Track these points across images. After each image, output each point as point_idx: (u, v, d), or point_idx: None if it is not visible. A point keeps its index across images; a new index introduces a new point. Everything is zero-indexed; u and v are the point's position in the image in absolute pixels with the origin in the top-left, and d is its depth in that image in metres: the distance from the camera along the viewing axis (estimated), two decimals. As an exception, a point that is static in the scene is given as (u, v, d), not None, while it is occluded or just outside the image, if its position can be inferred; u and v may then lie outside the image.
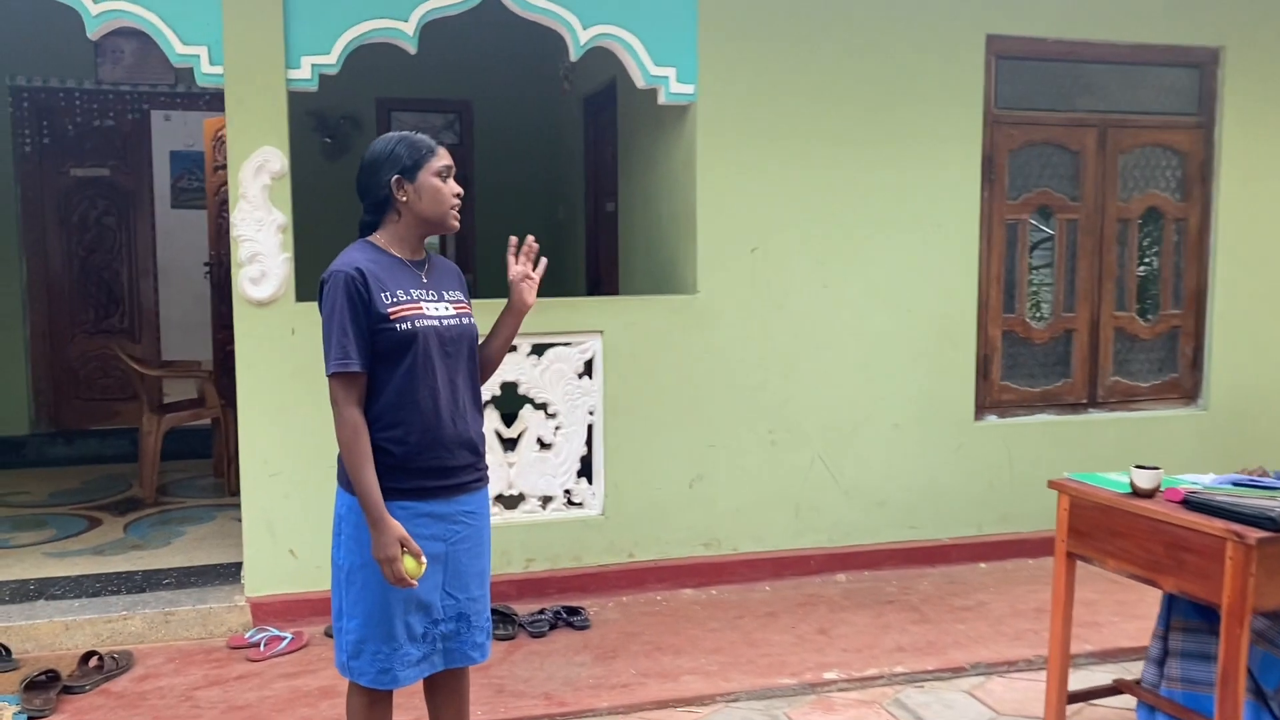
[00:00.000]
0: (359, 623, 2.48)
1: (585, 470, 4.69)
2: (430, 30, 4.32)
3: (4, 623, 4.00)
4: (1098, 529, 3.17)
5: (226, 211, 7.51)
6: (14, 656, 3.88)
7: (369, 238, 2.56)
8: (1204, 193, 5.34)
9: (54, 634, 4.01)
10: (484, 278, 7.84)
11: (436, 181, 2.50)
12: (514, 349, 4.52)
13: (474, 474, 2.63)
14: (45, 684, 3.59)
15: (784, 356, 4.81)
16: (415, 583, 2.41)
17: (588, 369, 4.62)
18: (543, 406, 4.59)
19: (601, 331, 4.59)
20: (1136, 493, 3.05)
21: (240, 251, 4.14)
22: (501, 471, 4.55)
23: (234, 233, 4.11)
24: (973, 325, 5.04)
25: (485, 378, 2.76)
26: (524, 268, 2.72)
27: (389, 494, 2.45)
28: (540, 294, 2.78)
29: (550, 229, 7.62)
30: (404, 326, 2.44)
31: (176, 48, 4.03)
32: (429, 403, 2.49)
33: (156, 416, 5.92)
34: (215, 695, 3.66)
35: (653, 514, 4.72)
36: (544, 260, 2.79)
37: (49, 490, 6.17)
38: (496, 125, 7.66)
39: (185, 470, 6.53)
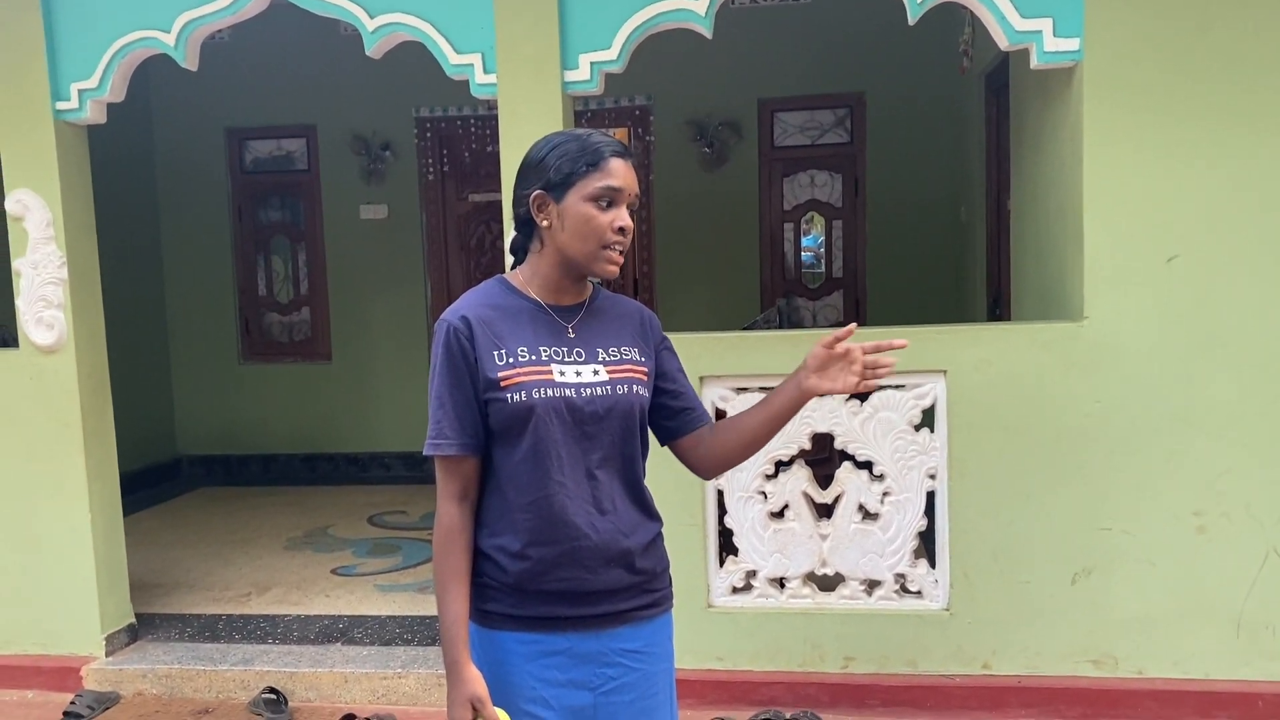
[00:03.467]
0: None
1: (926, 551, 3.67)
2: (814, 13, 3.53)
3: (293, 668, 3.90)
4: None
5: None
6: (289, 706, 3.75)
7: (509, 273, 1.93)
8: None
9: (334, 685, 3.85)
10: (876, 296, 6.92)
11: (589, 209, 1.80)
12: (831, 392, 3.62)
13: (637, 599, 1.89)
14: (294, 747, 3.39)
15: (1218, 408, 3.40)
16: None
17: (926, 420, 3.59)
18: (866, 466, 3.63)
19: (945, 371, 3.53)
20: None
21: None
22: (812, 544, 3.66)
23: (509, 255, 3.66)
24: None
25: (714, 470, 2.04)
26: (847, 346, 1.86)
27: (508, 622, 1.84)
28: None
29: (953, 233, 6.51)
30: (517, 397, 1.78)
31: (451, 59, 3.68)
32: (556, 500, 1.80)
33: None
34: (450, 789, 3.21)
35: (1018, 614, 3.55)
36: (892, 360, 1.90)
37: (425, 510, 6.30)
38: (892, 116, 6.70)
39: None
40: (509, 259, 2.01)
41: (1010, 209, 4.79)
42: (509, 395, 1.78)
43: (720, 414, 3.67)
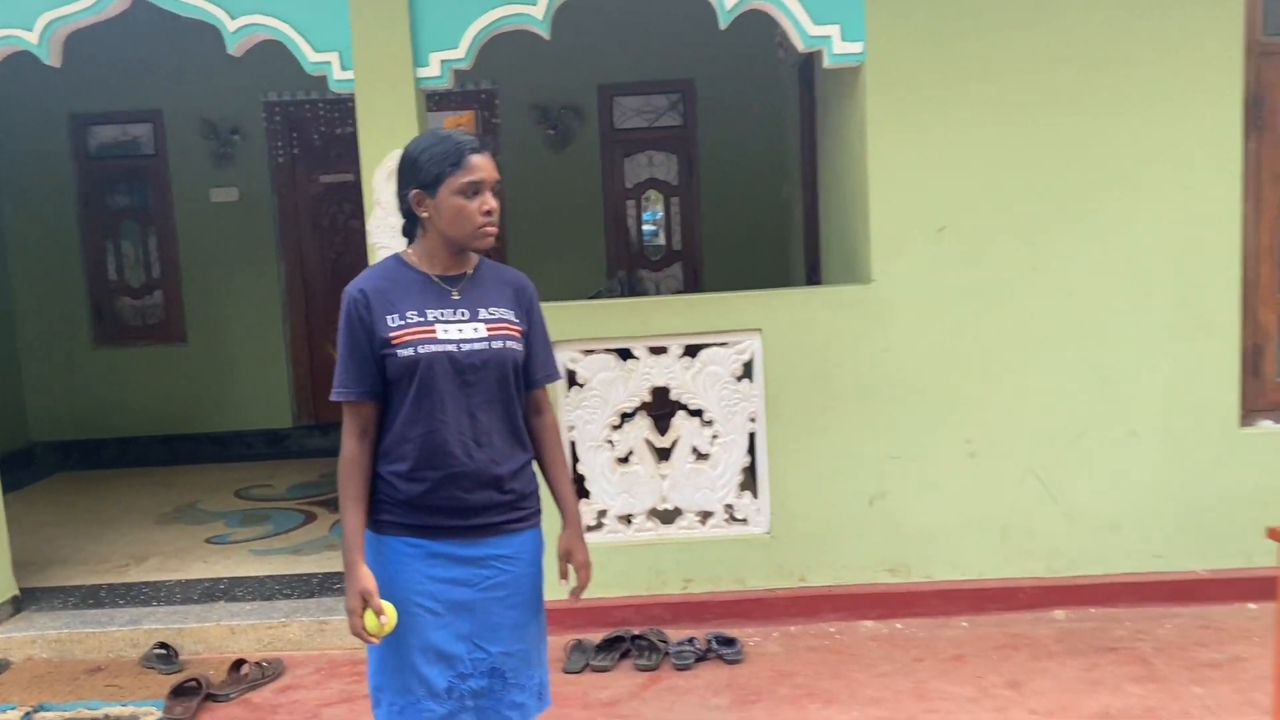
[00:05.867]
0: (375, 669, 2.30)
1: (750, 484, 4.25)
2: (647, 6, 3.97)
3: (181, 624, 4.19)
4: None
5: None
6: (180, 659, 4.05)
7: (403, 251, 2.33)
8: None
9: (221, 638, 4.16)
10: (711, 267, 7.50)
11: (459, 201, 2.20)
12: (664, 351, 4.15)
13: (507, 514, 2.31)
14: (191, 691, 3.70)
15: (983, 354, 4.10)
16: (376, 640, 2.18)
17: (746, 371, 4.16)
18: (698, 413, 4.19)
19: (760, 330, 4.10)
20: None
21: (376, 259, 4.05)
22: (654, 484, 4.20)
23: (369, 240, 4.03)
24: (1235, 309, 4.04)
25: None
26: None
27: (399, 529, 2.26)
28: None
29: (777, 208, 7.15)
30: (405, 352, 2.19)
31: (309, 56, 4.01)
32: (438, 435, 2.22)
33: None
34: (341, 713, 3.61)
35: (827, 534, 4.18)
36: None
37: (290, 483, 6.56)
38: (720, 102, 7.27)
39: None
40: (371, 239, 2.39)
41: (819, 187, 5.42)
42: (399, 351, 2.19)
43: (571, 375, 4.15)
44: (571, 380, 4.18)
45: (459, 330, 2.23)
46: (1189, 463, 4.10)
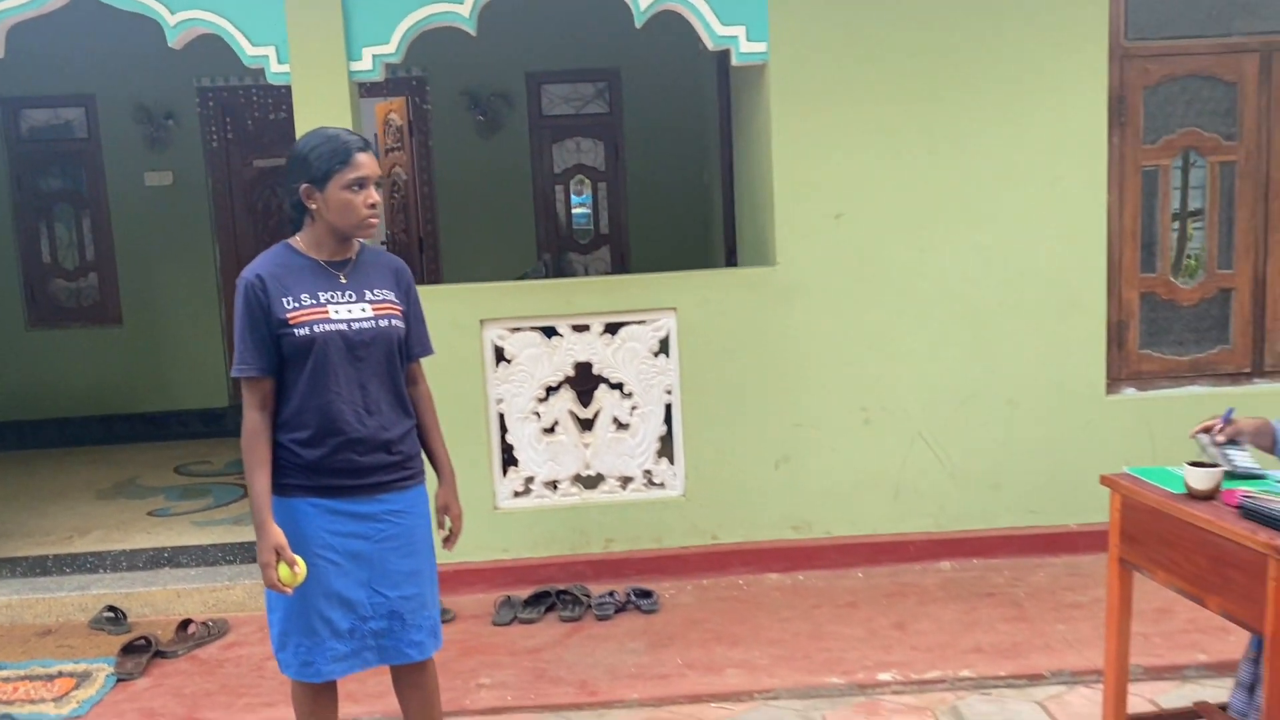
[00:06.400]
0: (280, 616, 2.55)
1: (667, 451, 4.59)
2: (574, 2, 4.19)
3: (128, 589, 4.42)
4: (1149, 535, 2.75)
5: (398, 191, 7.97)
6: (129, 620, 4.29)
7: (292, 239, 2.58)
8: None
9: (167, 601, 4.40)
10: (638, 249, 7.82)
11: (346, 195, 2.45)
12: (586, 328, 4.47)
13: (395, 474, 2.60)
14: (141, 649, 3.94)
15: (877, 330, 4.48)
16: (289, 590, 2.43)
17: (663, 347, 4.50)
18: (618, 386, 4.52)
19: (675, 309, 4.44)
20: (1191, 495, 2.62)
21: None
22: (578, 452, 4.52)
23: (307, 225, 4.27)
24: (1101, 288, 4.48)
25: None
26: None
27: (301, 491, 2.51)
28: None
29: (699, 194, 7.49)
30: (302, 332, 2.45)
31: (248, 50, 4.23)
32: (334, 406, 2.48)
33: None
34: (284, 666, 3.89)
35: (737, 495, 4.55)
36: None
37: (228, 459, 6.74)
38: (645, 91, 7.59)
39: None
40: None
41: (735, 175, 5.77)
42: (296, 330, 2.44)
43: (499, 351, 4.45)
44: (500, 356, 4.48)
45: (349, 311, 2.50)
46: (1061, 427, 4.53)
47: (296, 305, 2.46)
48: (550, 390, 4.53)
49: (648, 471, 4.57)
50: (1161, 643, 3.70)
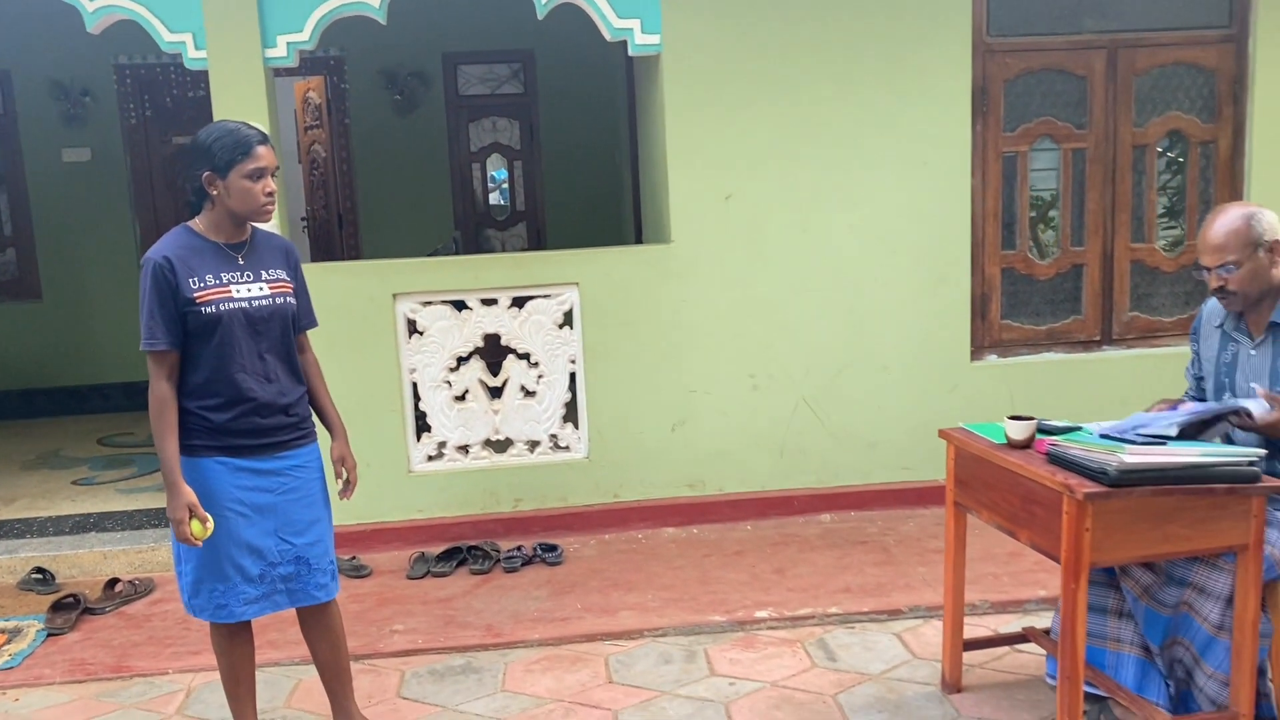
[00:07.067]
0: (193, 566, 2.80)
1: (571, 416, 4.92)
2: None
3: (55, 552, 4.63)
4: (975, 479, 3.17)
5: (318, 168, 8.14)
6: (57, 581, 4.50)
7: (191, 222, 2.80)
8: (1235, 113, 4.95)
9: (94, 562, 4.62)
10: (553, 226, 8.11)
11: (246, 183, 2.69)
12: (495, 302, 4.77)
13: (293, 434, 2.88)
14: (69, 606, 4.17)
15: (764, 302, 4.86)
16: (199, 543, 2.69)
17: (567, 319, 4.82)
18: (525, 356, 4.83)
19: (578, 283, 4.77)
20: (1011, 444, 3.03)
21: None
22: (488, 418, 4.83)
23: (225, 204, 4.50)
24: (966, 264, 4.92)
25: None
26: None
27: (211, 451, 2.75)
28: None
29: (611, 173, 7.79)
30: (209, 310, 2.69)
31: (165, 36, 4.42)
32: (239, 375, 2.74)
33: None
34: (209, 618, 4.15)
35: (637, 457, 4.90)
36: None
37: (150, 431, 6.90)
38: (559, 73, 7.85)
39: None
40: None
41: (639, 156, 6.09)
42: (202, 308, 2.67)
43: (412, 323, 4.73)
44: (412, 329, 4.76)
45: (248, 289, 2.77)
46: (930, 391, 4.97)
47: (202, 285, 2.69)
48: (461, 360, 4.83)
49: (554, 436, 4.90)
50: (1009, 581, 4.15)
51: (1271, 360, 2.91)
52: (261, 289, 2.79)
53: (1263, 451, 2.74)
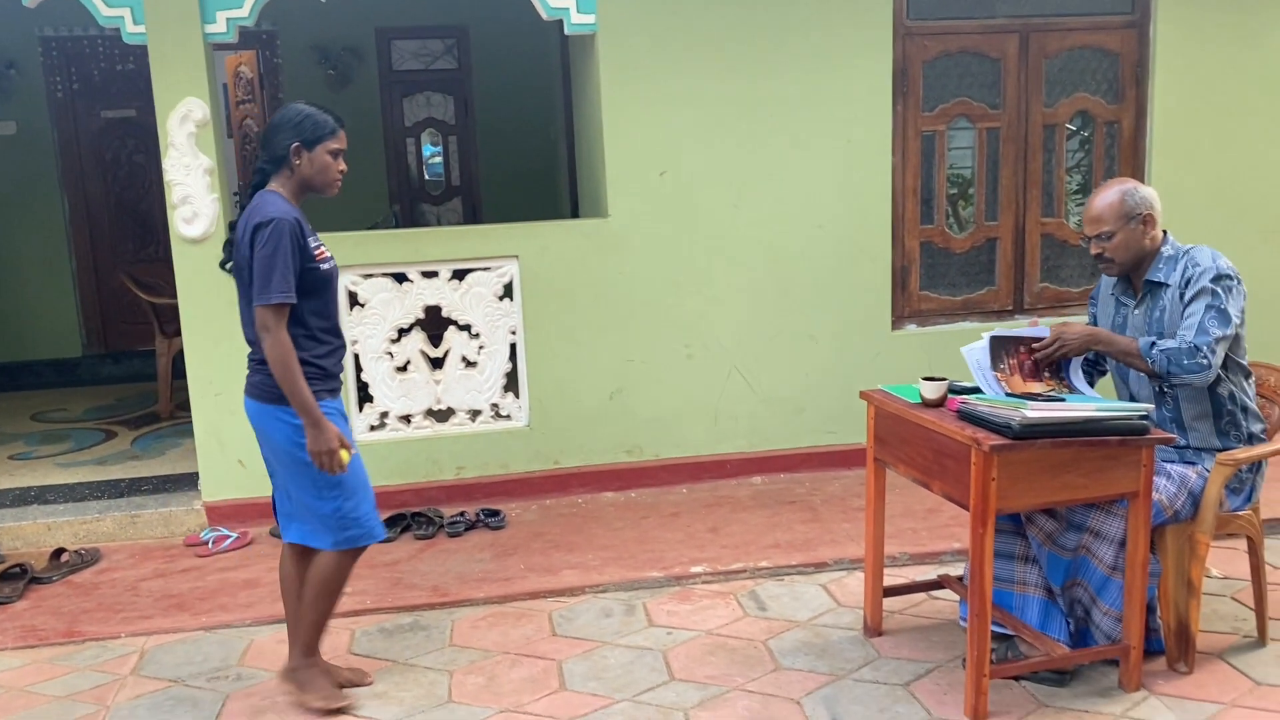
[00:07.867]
0: (359, 498, 3.10)
1: (512, 386, 5.08)
2: None
3: (-2, 524, 4.67)
4: (893, 436, 3.40)
5: (250, 143, 8.10)
6: (1, 552, 4.54)
7: (272, 188, 3.02)
8: (1138, 95, 5.27)
9: (38, 534, 4.66)
10: (489, 200, 8.21)
11: (328, 159, 3.01)
12: (435, 274, 4.89)
13: None
14: (16, 575, 4.23)
15: (697, 275, 5.05)
16: (346, 469, 3.00)
17: (507, 291, 4.96)
18: (466, 328, 4.96)
19: (517, 256, 4.91)
20: (925, 403, 3.26)
21: (173, 194, 4.58)
22: (430, 388, 4.96)
23: (166, 178, 4.54)
24: (887, 238, 5.16)
25: None
26: None
27: (322, 395, 3.02)
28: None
29: (546, 148, 7.91)
30: (325, 267, 3.04)
31: (103, 10, 4.44)
32: (336, 325, 3.12)
33: (166, 339, 6.53)
34: (157, 585, 4.24)
35: (576, 424, 5.08)
36: None
37: (85, 406, 6.90)
38: (493, 49, 7.93)
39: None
40: (168, 176, 3.80)
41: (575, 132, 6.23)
42: (321, 265, 3.02)
43: (353, 296, 4.83)
44: (354, 301, 4.86)
45: (328, 251, 3.11)
46: (854, 359, 5.22)
47: (317, 245, 3.05)
48: (402, 332, 4.94)
49: (495, 405, 5.05)
50: (927, 535, 4.43)
51: (1147, 315, 3.23)
52: (330, 251, 3.12)
53: (1150, 406, 3.02)
